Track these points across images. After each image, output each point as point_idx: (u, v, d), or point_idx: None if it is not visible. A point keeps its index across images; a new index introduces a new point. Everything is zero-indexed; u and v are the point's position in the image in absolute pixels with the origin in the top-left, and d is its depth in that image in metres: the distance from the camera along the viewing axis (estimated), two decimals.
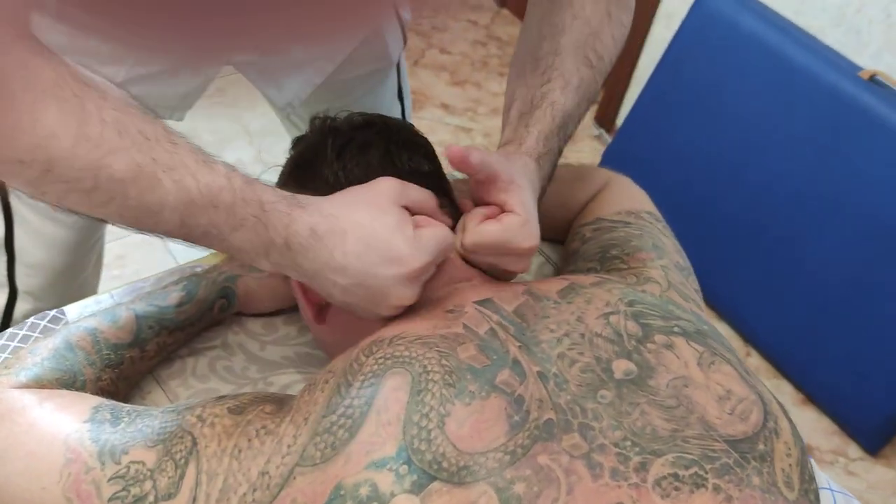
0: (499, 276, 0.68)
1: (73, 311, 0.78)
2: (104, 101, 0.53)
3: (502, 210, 0.65)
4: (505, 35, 2.69)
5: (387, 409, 0.51)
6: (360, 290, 0.59)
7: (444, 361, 0.53)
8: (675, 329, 0.59)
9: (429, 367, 0.53)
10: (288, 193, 0.59)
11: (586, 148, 2.33)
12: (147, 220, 0.56)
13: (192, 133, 0.60)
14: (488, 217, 0.65)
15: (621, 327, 0.58)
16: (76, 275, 1.02)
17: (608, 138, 2.32)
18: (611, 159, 2.04)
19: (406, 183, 0.62)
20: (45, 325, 0.76)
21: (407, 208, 0.62)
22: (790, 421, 0.58)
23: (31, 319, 0.77)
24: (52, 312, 0.78)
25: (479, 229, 0.64)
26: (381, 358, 0.55)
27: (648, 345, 0.57)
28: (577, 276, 0.68)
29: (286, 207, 0.58)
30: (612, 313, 0.59)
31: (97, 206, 0.54)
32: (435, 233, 0.61)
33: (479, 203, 0.66)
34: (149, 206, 0.54)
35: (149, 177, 0.53)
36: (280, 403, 0.57)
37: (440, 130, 2.28)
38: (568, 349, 0.56)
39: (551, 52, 0.75)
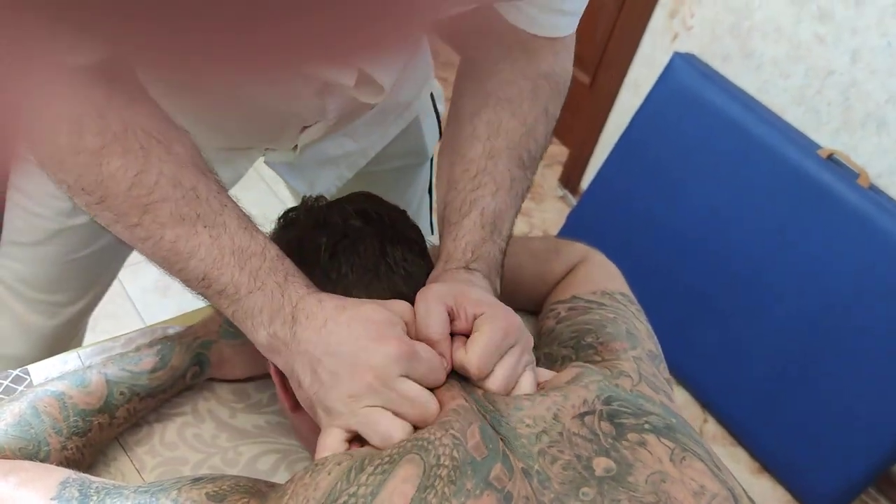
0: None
1: (37, 371, 0.76)
2: (168, 155, 0.58)
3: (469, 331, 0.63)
4: None
5: (391, 502, 0.50)
6: (330, 361, 0.57)
7: (454, 453, 0.52)
8: (646, 426, 0.59)
9: (442, 460, 0.52)
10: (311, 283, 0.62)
11: (551, 208, 2.36)
12: (175, 265, 0.60)
13: None
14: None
15: (596, 427, 0.58)
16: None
17: (573, 200, 2.35)
18: (575, 222, 2.07)
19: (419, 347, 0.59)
20: (7, 385, 0.74)
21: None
22: None
23: None
24: (16, 372, 0.75)
25: (471, 347, 0.61)
26: (405, 440, 0.54)
27: (623, 442, 0.57)
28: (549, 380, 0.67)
29: (305, 286, 0.61)
30: (587, 413, 0.59)
31: (137, 240, 0.60)
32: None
33: None
34: (180, 251, 0.59)
35: (188, 227, 0.58)
36: (262, 497, 0.55)
37: None
38: (548, 447, 0.56)
39: (485, 156, 0.73)
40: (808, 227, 1.65)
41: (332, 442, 0.57)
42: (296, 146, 0.88)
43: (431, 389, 0.59)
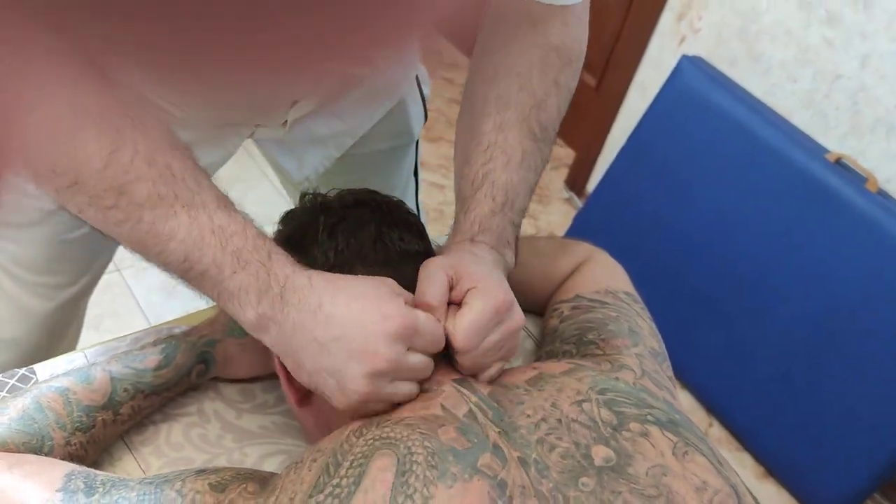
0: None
1: (43, 369, 0.76)
2: (143, 135, 0.57)
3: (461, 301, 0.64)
4: None
5: (374, 488, 0.51)
6: (336, 347, 0.58)
7: (426, 443, 0.54)
8: (649, 418, 0.59)
9: (413, 449, 0.53)
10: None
11: (556, 210, 2.36)
12: (153, 248, 0.58)
13: None
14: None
15: (595, 414, 0.58)
16: (50, 352, 0.98)
17: (578, 202, 2.35)
18: (581, 224, 2.07)
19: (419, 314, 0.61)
20: (13, 385, 0.74)
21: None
22: None
23: None
24: (22, 371, 0.75)
25: (459, 320, 0.62)
26: (370, 439, 0.55)
27: (624, 432, 0.58)
28: (546, 363, 0.67)
29: (291, 263, 0.60)
30: (584, 401, 0.60)
31: (112, 224, 0.58)
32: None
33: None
34: (159, 233, 0.57)
35: (166, 207, 0.57)
36: (262, 483, 0.56)
37: None
38: (546, 434, 0.56)
39: (495, 129, 0.74)
40: (815, 230, 1.64)
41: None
42: (285, 122, 0.88)
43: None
